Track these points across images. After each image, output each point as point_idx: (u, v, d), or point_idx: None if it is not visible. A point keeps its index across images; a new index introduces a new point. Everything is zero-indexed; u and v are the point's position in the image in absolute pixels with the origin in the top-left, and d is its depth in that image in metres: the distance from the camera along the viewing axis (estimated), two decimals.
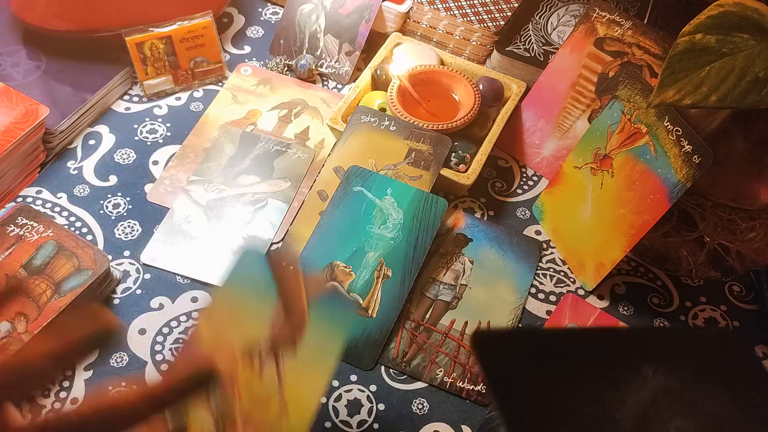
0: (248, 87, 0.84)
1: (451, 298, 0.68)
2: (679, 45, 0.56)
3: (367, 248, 0.69)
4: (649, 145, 0.64)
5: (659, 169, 0.63)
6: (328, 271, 0.68)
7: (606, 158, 0.68)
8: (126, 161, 0.77)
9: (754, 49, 0.55)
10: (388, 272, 0.68)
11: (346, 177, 0.72)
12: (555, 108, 0.79)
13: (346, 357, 0.65)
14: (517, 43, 0.85)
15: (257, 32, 0.92)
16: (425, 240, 0.69)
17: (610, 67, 0.77)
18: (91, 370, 0.62)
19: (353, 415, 0.62)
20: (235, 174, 0.76)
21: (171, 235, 0.71)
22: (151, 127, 0.80)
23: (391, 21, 0.87)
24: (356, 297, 0.67)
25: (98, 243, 0.71)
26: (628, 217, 0.66)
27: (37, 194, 0.73)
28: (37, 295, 0.60)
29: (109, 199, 0.74)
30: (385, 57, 0.83)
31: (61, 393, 0.61)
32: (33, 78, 0.80)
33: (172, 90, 0.84)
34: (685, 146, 0.60)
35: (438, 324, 0.67)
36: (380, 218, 0.70)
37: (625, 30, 0.76)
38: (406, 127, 0.75)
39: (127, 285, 0.68)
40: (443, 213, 0.71)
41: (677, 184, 0.61)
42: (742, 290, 0.73)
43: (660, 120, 0.63)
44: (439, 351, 0.65)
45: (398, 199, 0.71)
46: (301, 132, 0.81)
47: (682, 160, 0.60)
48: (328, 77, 0.87)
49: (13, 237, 0.64)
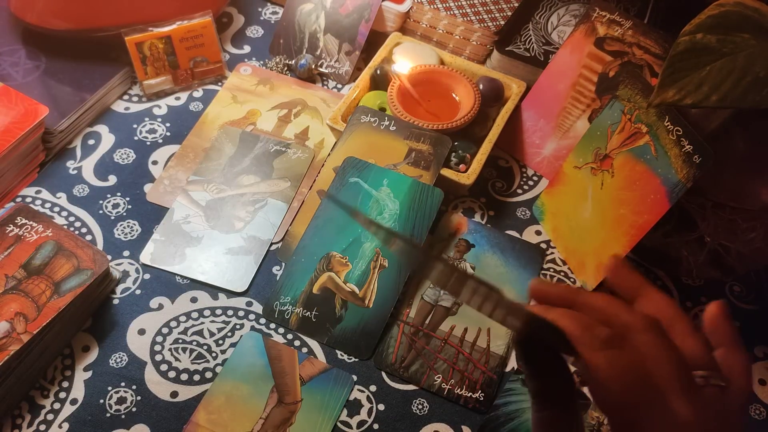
0: (248, 87, 0.84)
1: (452, 304, 0.68)
2: (680, 45, 0.56)
3: (364, 239, 0.69)
4: (649, 145, 0.64)
5: (659, 169, 0.63)
6: (325, 261, 0.68)
7: (606, 158, 0.68)
8: (125, 161, 0.77)
9: (755, 49, 0.54)
10: (384, 263, 0.68)
11: (343, 168, 0.72)
12: (555, 108, 0.79)
13: (343, 347, 0.65)
14: (517, 42, 0.85)
15: (257, 32, 0.92)
16: (421, 230, 0.69)
17: (610, 66, 0.76)
18: (91, 371, 0.62)
19: (353, 416, 0.62)
20: (235, 174, 0.76)
21: (170, 236, 0.71)
22: (150, 126, 0.80)
23: (391, 21, 0.87)
24: (353, 288, 0.67)
25: (97, 243, 0.70)
26: (628, 217, 0.65)
27: (36, 194, 0.73)
28: (37, 295, 0.60)
29: (109, 199, 0.74)
30: (385, 57, 0.83)
31: (60, 393, 0.61)
32: (32, 78, 0.80)
33: (172, 90, 0.83)
34: (685, 146, 0.60)
35: (437, 330, 0.67)
36: (376, 209, 0.70)
37: (626, 30, 0.76)
38: (406, 127, 0.75)
39: (126, 285, 0.68)
40: (439, 203, 0.71)
41: (677, 184, 0.61)
42: (742, 290, 0.73)
43: (660, 120, 0.63)
44: (438, 357, 0.65)
45: (394, 189, 0.71)
46: (300, 132, 0.81)
47: (682, 160, 0.60)
48: (328, 77, 0.87)
49: (13, 237, 0.64)
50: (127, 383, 0.62)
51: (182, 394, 0.62)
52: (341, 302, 0.67)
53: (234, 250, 0.70)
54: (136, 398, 0.61)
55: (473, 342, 0.66)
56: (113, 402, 0.61)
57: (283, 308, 0.66)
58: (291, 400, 0.61)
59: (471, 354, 0.65)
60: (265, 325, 0.66)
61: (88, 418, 0.60)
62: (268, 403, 0.61)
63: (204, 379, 0.63)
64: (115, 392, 0.61)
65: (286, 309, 0.66)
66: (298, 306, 0.66)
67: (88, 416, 0.60)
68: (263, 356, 0.64)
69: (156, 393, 0.62)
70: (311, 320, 0.66)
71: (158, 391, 0.62)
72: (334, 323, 0.66)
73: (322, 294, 0.67)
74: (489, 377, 0.64)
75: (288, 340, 0.65)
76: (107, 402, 0.61)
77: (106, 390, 0.61)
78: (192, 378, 0.63)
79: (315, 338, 0.66)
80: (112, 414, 0.60)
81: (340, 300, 0.67)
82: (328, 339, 0.65)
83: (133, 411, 0.60)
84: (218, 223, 0.72)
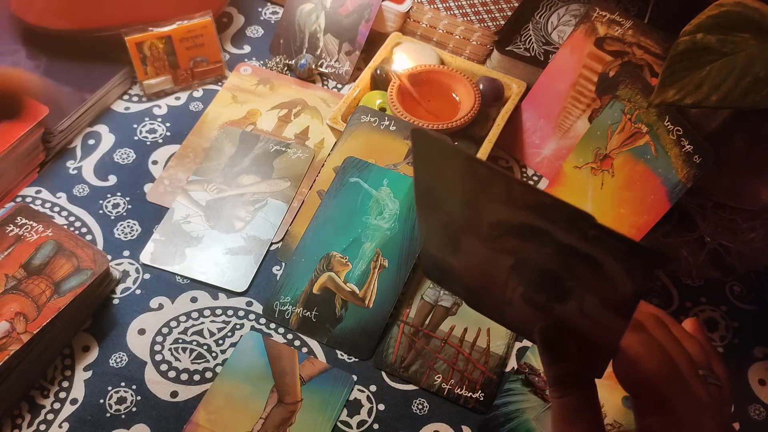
0: (248, 87, 0.84)
1: (451, 304, 0.68)
2: (680, 45, 0.55)
3: (364, 239, 0.69)
4: (649, 145, 0.64)
5: (660, 169, 0.63)
6: (325, 261, 0.68)
7: (606, 158, 0.68)
8: (125, 161, 0.77)
9: (755, 49, 0.54)
10: (384, 262, 0.68)
11: (343, 168, 0.72)
12: (555, 108, 0.79)
13: (343, 347, 0.65)
14: (517, 42, 0.85)
15: (257, 32, 0.92)
16: None
17: (610, 66, 0.76)
18: (91, 371, 0.62)
19: (353, 416, 0.62)
20: (235, 174, 0.76)
21: (170, 235, 0.71)
22: (150, 126, 0.80)
23: (391, 21, 0.87)
24: (353, 288, 0.67)
25: (98, 243, 0.70)
26: (628, 217, 0.65)
27: (36, 194, 0.73)
28: (37, 295, 0.60)
29: (109, 199, 0.74)
30: (385, 57, 0.83)
31: (60, 393, 0.61)
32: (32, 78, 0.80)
33: (172, 90, 0.83)
34: (685, 146, 0.60)
35: (437, 330, 0.67)
36: (376, 209, 0.70)
37: (626, 29, 0.76)
38: (406, 127, 0.75)
39: (126, 285, 0.68)
40: None
41: (678, 184, 0.61)
42: (742, 290, 0.73)
43: (660, 120, 0.63)
44: (438, 357, 0.65)
45: (394, 189, 0.71)
46: (300, 132, 0.81)
47: (682, 160, 0.60)
48: (328, 77, 0.87)
49: (13, 237, 0.64)
50: (127, 383, 0.62)
51: (182, 394, 0.62)
52: (341, 302, 0.67)
53: (234, 250, 0.70)
54: (136, 398, 0.61)
55: (473, 342, 0.66)
56: (113, 402, 0.61)
57: (283, 308, 0.66)
58: (291, 399, 0.61)
59: (471, 354, 0.65)
60: (265, 325, 0.66)
61: (88, 418, 0.60)
62: (268, 402, 0.61)
63: (204, 379, 0.63)
64: (115, 392, 0.61)
65: (286, 309, 0.66)
66: (298, 306, 0.66)
67: (88, 416, 0.60)
68: (263, 356, 0.64)
69: (156, 393, 0.62)
70: (311, 320, 0.66)
71: (158, 391, 0.62)
72: (334, 323, 0.66)
73: (322, 294, 0.67)
74: (489, 377, 0.64)
75: (288, 340, 0.65)
76: (107, 402, 0.61)
77: (106, 390, 0.61)
78: (192, 378, 0.63)
79: (315, 338, 0.66)
80: (112, 414, 0.60)
81: (340, 300, 0.67)
82: (328, 339, 0.65)
83: (133, 411, 0.60)
84: (218, 223, 0.72)
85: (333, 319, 0.66)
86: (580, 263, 0.36)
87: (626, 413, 0.62)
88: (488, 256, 0.41)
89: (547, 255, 0.37)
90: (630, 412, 0.62)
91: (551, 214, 0.35)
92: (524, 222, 0.36)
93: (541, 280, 0.39)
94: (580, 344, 0.40)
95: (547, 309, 0.40)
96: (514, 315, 0.44)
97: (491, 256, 0.40)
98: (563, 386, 0.40)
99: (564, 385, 0.40)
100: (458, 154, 0.37)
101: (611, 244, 0.33)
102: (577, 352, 0.40)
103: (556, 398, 0.40)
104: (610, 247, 0.34)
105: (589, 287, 0.37)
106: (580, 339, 0.40)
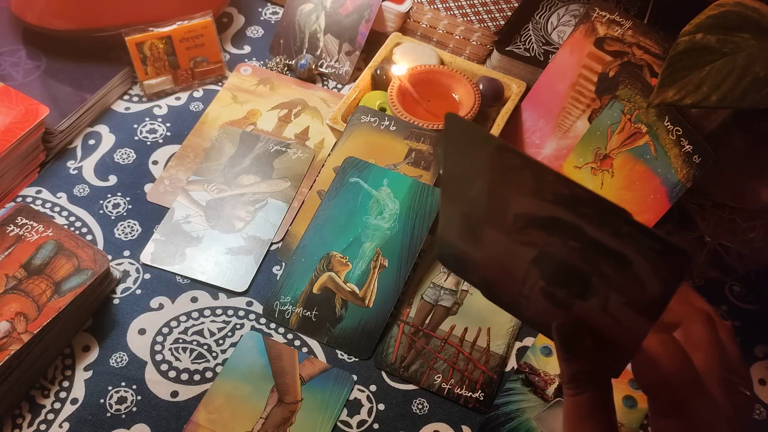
0: (248, 87, 0.84)
1: (452, 304, 0.68)
2: (680, 45, 0.56)
3: (364, 239, 0.69)
4: (649, 145, 0.64)
5: (659, 169, 0.63)
6: (325, 261, 0.68)
7: (606, 158, 0.68)
8: (126, 161, 0.77)
9: (755, 49, 0.54)
10: (385, 262, 0.68)
11: (343, 168, 0.72)
12: (555, 108, 0.79)
13: (343, 347, 0.65)
14: (517, 42, 0.85)
15: (257, 32, 0.92)
16: (421, 230, 0.69)
17: (610, 66, 0.76)
18: (91, 370, 0.62)
19: (353, 415, 0.62)
20: (235, 174, 0.76)
21: (171, 235, 0.71)
22: (150, 126, 0.80)
23: (391, 21, 0.87)
24: (353, 287, 0.67)
25: (98, 243, 0.71)
26: None
27: (36, 194, 0.73)
28: (37, 295, 0.60)
29: (109, 199, 0.74)
30: (385, 57, 0.83)
31: (61, 393, 0.61)
32: (33, 78, 0.80)
33: (172, 90, 0.84)
34: (685, 146, 0.60)
35: (437, 329, 0.67)
36: (376, 209, 0.70)
37: (626, 30, 0.76)
38: (406, 127, 0.75)
39: (126, 285, 0.68)
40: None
41: (677, 184, 0.61)
42: (742, 290, 0.73)
43: (660, 120, 0.63)
44: (438, 357, 0.65)
45: (394, 189, 0.71)
46: (300, 132, 0.81)
47: (682, 160, 0.60)
48: (328, 77, 0.87)
49: (13, 237, 0.64)
50: (128, 383, 0.62)
51: (182, 393, 0.62)
52: (341, 302, 0.67)
53: (234, 250, 0.70)
54: (136, 398, 0.61)
55: (473, 342, 0.66)
56: (113, 402, 0.61)
57: (283, 308, 0.66)
58: (291, 399, 0.61)
59: (471, 354, 0.65)
60: (266, 324, 0.66)
61: (88, 418, 0.60)
62: (269, 402, 0.61)
63: (204, 378, 0.63)
64: (116, 392, 0.61)
65: (287, 309, 0.66)
66: (298, 306, 0.67)
67: (88, 416, 0.60)
68: (263, 356, 0.64)
69: (156, 393, 0.62)
70: (311, 320, 0.66)
71: (158, 390, 0.62)
72: (334, 323, 0.66)
73: (322, 294, 0.67)
74: (489, 377, 0.64)
75: (288, 339, 0.66)
76: (108, 402, 0.61)
77: (107, 390, 0.61)
78: (192, 378, 0.63)
79: (315, 338, 0.66)
80: (112, 414, 0.60)
81: (340, 300, 0.67)
82: (328, 339, 0.65)
83: (134, 411, 0.61)
84: (218, 223, 0.72)
85: (333, 318, 0.66)
86: (607, 260, 0.35)
87: (627, 413, 0.62)
88: (509, 248, 0.40)
89: (572, 249, 0.36)
90: (631, 411, 0.62)
91: (582, 207, 0.34)
92: (551, 214, 0.35)
93: (564, 275, 0.38)
94: (598, 342, 0.39)
95: (567, 305, 0.40)
96: (531, 309, 0.43)
97: (512, 247, 0.40)
98: (578, 384, 0.39)
99: (579, 383, 0.39)
100: (491, 140, 0.36)
101: (643, 243, 0.32)
102: (594, 351, 0.39)
103: (570, 396, 0.39)
104: (641, 245, 0.33)
105: (614, 285, 0.36)
106: (599, 337, 0.39)
